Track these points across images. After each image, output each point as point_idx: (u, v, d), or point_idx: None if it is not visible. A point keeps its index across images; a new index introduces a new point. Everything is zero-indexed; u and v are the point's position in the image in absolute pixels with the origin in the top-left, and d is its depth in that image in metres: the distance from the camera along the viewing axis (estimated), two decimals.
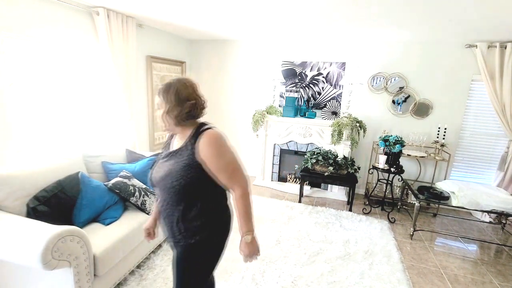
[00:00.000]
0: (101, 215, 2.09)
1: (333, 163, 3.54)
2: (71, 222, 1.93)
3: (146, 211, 2.26)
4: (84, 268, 1.61)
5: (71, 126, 2.79)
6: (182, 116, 1.18)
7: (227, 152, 1.19)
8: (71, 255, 1.53)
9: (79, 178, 2.11)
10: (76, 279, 1.57)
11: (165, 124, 1.22)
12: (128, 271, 2.11)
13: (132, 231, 2.05)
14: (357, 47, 3.92)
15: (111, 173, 2.46)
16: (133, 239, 2.06)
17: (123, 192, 2.21)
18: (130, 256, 2.08)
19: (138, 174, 2.49)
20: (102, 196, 2.12)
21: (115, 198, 2.20)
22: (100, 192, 2.13)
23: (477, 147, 3.74)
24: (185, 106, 1.17)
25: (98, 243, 1.79)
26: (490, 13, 2.35)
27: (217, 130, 1.22)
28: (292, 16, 2.79)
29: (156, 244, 2.47)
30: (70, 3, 2.57)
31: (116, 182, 2.24)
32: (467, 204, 2.82)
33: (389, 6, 2.33)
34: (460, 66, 3.58)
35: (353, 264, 2.48)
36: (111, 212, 2.13)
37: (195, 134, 1.19)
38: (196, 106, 1.22)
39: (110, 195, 2.17)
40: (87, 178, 2.17)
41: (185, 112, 1.18)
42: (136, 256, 2.16)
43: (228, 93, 4.66)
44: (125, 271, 2.07)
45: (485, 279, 2.43)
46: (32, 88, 2.38)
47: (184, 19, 3.17)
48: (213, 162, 1.15)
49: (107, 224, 2.04)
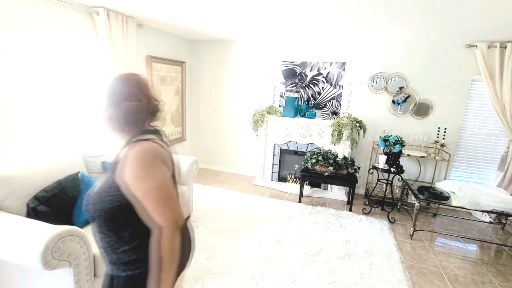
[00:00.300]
0: None
1: (333, 163, 3.54)
2: (71, 222, 1.93)
3: None
4: (84, 268, 1.61)
5: (71, 126, 2.79)
6: (119, 120, 0.94)
7: (154, 174, 0.89)
8: (71, 255, 1.53)
9: (79, 178, 2.11)
10: (76, 279, 1.57)
11: (107, 127, 0.98)
12: None
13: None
14: (357, 47, 3.92)
15: None
16: None
17: None
18: None
19: None
20: None
21: None
22: None
23: (477, 147, 3.74)
24: (122, 108, 0.93)
25: None
26: (490, 13, 2.35)
27: (150, 144, 0.92)
28: (292, 16, 2.80)
29: None
30: (70, 3, 2.57)
31: None
32: (467, 204, 2.82)
33: (389, 7, 2.33)
34: (460, 66, 3.58)
35: (353, 264, 2.48)
36: None
37: (125, 147, 0.95)
38: (140, 110, 0.96)
39: None
40: (87, 178, 2.16)
41: (121, 115, 0.94)
42: None
43: (228, 93, 4.66)
44: None
45: (485, 279, 2.43)
46: (32, 88, 2.38)
47: (184, 19, 3.17)
48: (132, 185, 0.88)
49: None
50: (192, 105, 4.91)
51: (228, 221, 3.10)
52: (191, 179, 2.98)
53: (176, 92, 4.45)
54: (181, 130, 4.73)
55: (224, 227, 2.95)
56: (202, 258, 2.42)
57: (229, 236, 2.81)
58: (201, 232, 2.85)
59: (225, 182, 4.43)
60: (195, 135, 5.03)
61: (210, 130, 4.91)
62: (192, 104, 4.91)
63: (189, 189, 2.96)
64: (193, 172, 3.01)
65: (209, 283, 2.14)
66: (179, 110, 4.59)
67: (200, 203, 3.51)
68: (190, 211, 3.04)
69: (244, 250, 2.59)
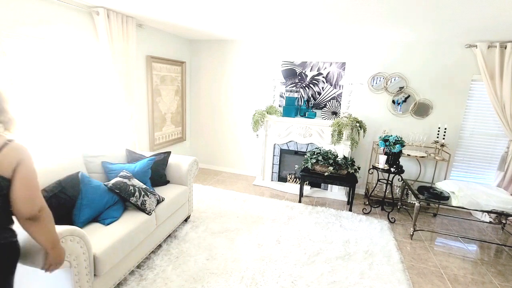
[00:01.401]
0: (101, 215, 2.09)
1: (333, 163, 3.54)
2: (71, 222, 1.93)
3: (146, 211, 2.26)
4: (84, 268, 1.63)
5: (71, 125, 2.79)
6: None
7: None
8: (71, 255, 1.54)
9: (79, 178, 2.10)
10: (76, 279, 1.58)
11: None
12: (128, 271, 2.11)
13: (132, 231, 2.05)
14: (357, 47, 3.92)
15: (111, 173, 2.46)
16: (133, 239, 2.06)
17: (123, 192, 2.20)
18: (130, 256, 2.09)
19: (138, 174, 2.49)
20: (102, 196, 2.11)
21: (115, 198, 2.19)
22: (100, 192, 2.12)
23: (477, 147, 3.74)
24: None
25: (98, 243, 1.80)
26: (490, 13, 2.35)
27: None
28: (292, 16, 2.79)
29: (156, 244, 2.47)
30: (70, 3, 2.57)
31: (116, 182, 2.24)
32: (467, 204, 2.82)
33: (389, 7, 2.33)
34: (460, 66, 3.59)
35: (353, 264, 2.48)
36: (111, 212, 2.12)
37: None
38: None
39: (110, 195, 2.16)
40: (87, 178, 2.16)
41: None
42: (136, 256, 2.17)
43: (228, 93, 4.66)
44: (125, 271, 2.07)
45: (485, 279, 2.43)
46: (33, 88, 2.38)
47: (184, 19, 3.18)
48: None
49: (107, 224, 2.04)
50: (192, 105, 4.91)
51: (228, 221, 3.10)
52: (191, 179, 2.98)
53: (176, 92, 4.45)
54: (181, 130, 4.73)
55: (224, 227, 2.95)
56: (202, 258, 2.42)
57: (229, 236, 2.81)
58: (201, 232, 2.85)
59: (225, 182, 4.43)
60: (195, 135, 5.03)
61: (210, 130, 4.91)
62: (192, 104, 4.91)
63: (189, 189, 2.96)
64: (193, 172, 3.01)
65: (209, 283, 2.14)
66: (179, 110, 4.59)
67: (200, 203, 3.51)
68: (190, 211, 3.04)
69: (244, 250, 2.59)
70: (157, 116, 4.05)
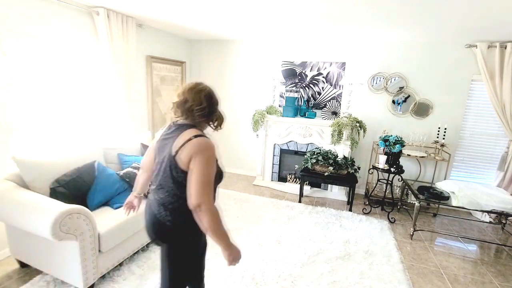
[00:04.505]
0: (111, 200, 2.34)
1: (333, 163, 3.54)
2: (85, 203, 2.17)
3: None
4: (89, 244, 1.84)
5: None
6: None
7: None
8: (77, 231, 1.77)
9: (95, 166, 2.36)
10: (82, 252, 1.81)
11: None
12: (132, 252, 2.29)
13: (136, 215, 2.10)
14: (357, 47, 3.92)
15: (125, 164, 2.69)
16: (137, 223, 2.21)
17: (132, 180, 2.37)
18: (134, 238, 2.26)
19: None
20: (114, 183, 2.39)
21: (125, 186, 2.44)
22: (112, 179, 2.39)
23: (477, 147, 3.74)
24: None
25: (104, 223, 2.03)
26: (490, 13, 2.35)
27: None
28: (292, 16, 2.79)
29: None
30: (70, 3, 2.57)
31: (127, 171, 2.50)
32: (467, 204, 2.82)
33: (390, 7, 2.33)
34: (460, 66, 3.58)
35: (353, 264, 2.48)
36: (120, 198, 2.33)
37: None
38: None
39: (121, 183, 2.43)
40: (102, 167, 2.41)
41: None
42: (139, 238, 2.32)
43: (228, 93, 4.66)
44: (129, 251, 2.25)
45: (485, 279, 2.43)
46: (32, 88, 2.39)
47: (184, 19, 3.18)
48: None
49: (115, 208, 2.28)
50: None
51: (228, 221, 3.10)
52: None
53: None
54: None
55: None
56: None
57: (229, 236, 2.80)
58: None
59: (225, 182, 4.40)
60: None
61: (210, 130, 4.89)
62: None
63: None
64: None
65: (209, 283, 2.14)
66: None
67: None
68: None
69: (244, 250, 2.59)
70: (157, 116, 4.05)
